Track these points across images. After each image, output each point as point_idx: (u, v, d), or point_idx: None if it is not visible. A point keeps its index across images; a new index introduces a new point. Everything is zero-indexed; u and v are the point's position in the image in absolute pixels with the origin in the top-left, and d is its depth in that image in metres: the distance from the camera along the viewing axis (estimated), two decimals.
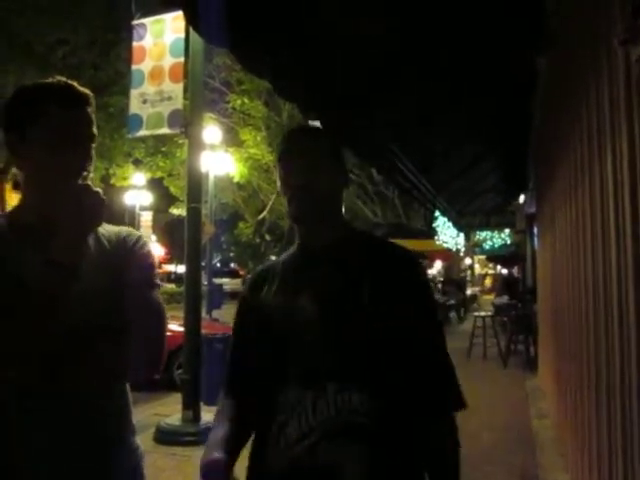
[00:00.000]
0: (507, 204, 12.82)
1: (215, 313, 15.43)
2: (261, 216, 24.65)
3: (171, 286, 29.10)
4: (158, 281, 1.78)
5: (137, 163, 20.16)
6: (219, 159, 17.28)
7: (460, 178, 6.80)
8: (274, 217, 25.01)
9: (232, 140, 19.54)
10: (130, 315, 1.64)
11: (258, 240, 25.87)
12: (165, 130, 7.29)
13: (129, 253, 1.77)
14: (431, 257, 22.86)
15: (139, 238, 1.83)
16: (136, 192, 24.64)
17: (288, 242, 25.66)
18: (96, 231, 1.76)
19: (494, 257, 22.39)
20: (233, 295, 25.69)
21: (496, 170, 7.55)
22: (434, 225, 25.89)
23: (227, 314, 14.57)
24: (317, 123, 2.36)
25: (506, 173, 8.08)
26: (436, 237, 26.53)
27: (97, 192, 1.60)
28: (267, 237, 26.37)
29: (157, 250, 42.20)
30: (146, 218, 26.27)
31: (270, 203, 23.21)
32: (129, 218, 25.31)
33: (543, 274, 7.40)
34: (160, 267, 44.25)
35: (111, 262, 1.73)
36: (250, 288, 1.66)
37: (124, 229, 1.84)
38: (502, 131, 5.20)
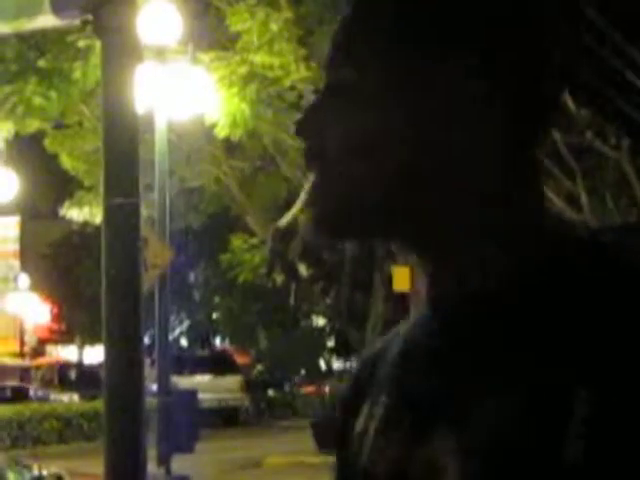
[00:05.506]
0: None
1: (179, 462, 11.80)
2: (286, 219, 13.63)
3: (65, 399, 22.88)
4: None
5: None
6: (180, 84, 13.10)
7: None
8: None
9: (210, 36, 15.51)
10: None
11: (279, 277, 18.91)
12: (46, 19, 5.78)
13: None
14: None
15: None
16: None
17: (355, 282, 20.05)
18: None
19: None
20: (225, 416, 22.21)
21: None
22: None
23: (209, 464, 13.36)
24: None
25: None
26: None
27: None
28: (303, 269, 19.12)
29: (32, 312, 28.39)
30: (4, 233, 19.61)
31: (308, 186, 13.31)
32: None
33: None
34: (39, 353, 31.02)
35: None
36: (345, 404, 1.15)
37: None
38: None
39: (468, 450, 0.90)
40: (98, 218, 12.30)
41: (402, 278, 15.22)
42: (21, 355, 34.03)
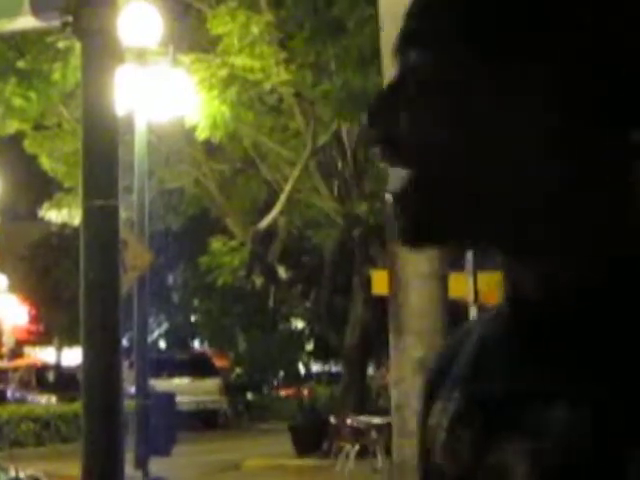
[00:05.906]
0: None
1: (157, 465, 12.00)
2: (265, 222, 17.84)
3: (43, 401, 22.77)
4: None
5: None
6: (160, 85, 13.11)
7: None
8: (299, 222, 19.21)
9: (191, 38, 15.68)
10: None
11: (258, 280, 19.07)
12: (26, 21, 5.65)
13: None
14: None
15: None
16: None
17: (335, 285, 20.57)
18: None
19: None
20: (204, 419, 22.26)
21: None
22: None
23: (187, 466, 13.38)
24: None
25: None
26: None
27: None
28: (282, 272, 19.54)
29: (10, 314, 28.90)
30: None
31: (287, 189, 16.62)
32: None
33: None
34: (17, 354, 30.65)
35: None
36: (428, 389, 1.10)
37: None
38: None
39: (536, 454, 0.90)
40: (77, 220, 12.16)
41: (381, 282, 14.48)
42: None
